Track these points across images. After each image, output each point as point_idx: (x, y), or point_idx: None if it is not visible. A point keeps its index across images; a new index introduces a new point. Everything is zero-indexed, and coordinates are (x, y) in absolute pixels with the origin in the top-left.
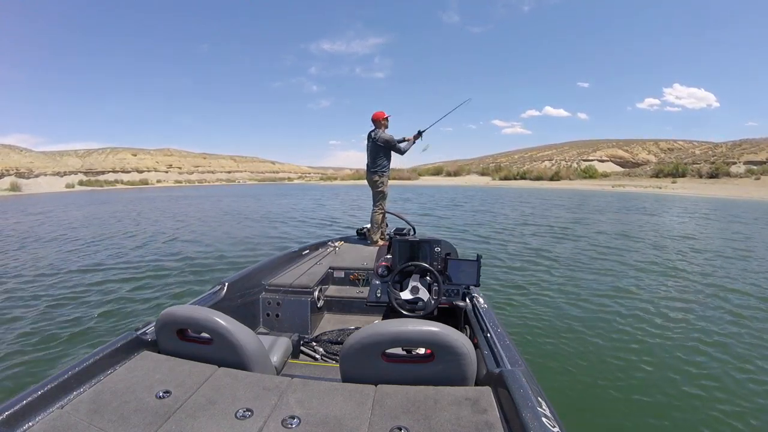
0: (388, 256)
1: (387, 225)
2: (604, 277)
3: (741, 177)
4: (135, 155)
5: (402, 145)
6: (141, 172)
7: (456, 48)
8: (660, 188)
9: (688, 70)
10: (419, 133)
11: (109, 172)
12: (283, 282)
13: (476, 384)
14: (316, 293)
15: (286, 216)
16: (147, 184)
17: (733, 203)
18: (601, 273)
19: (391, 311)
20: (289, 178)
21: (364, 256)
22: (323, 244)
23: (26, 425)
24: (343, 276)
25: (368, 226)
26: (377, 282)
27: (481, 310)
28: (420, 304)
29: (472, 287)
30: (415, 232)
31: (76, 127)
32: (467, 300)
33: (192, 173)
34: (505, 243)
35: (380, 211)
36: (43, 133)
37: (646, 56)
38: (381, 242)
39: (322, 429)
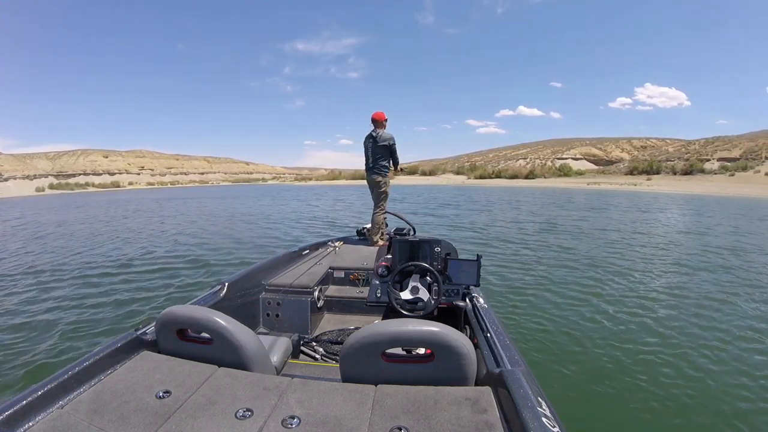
0: (388, 256)
1: (387, 225)
2: (606, 276)
3: (715, 174)
4: (106, 157)
5: (397, 156)
6: (112, 174)
7: (431, 48)
8: (635, 185)
9: (659, 70)
10: (401, 170)
11: (80, 174)
12: (283, 282)
13: (476, 384)
14: (316, 293)
15: (278, 218)
16: (119, 186)
17: (711, 199)
18: (602, 272)
19: (391, 311)
20: (264, 179)
21: (364, 256)
22: (323, 244)
23: (26, 425)
24: (343, 276)
25: (368, 226)
26: (377, 282)
27: (481, 310)
28: (420, 304)
29: (472, 287)
30: (415, 232)
31: (46, 128)
32: (467, 300)
33: (165, 175)
34: (505, 242)
35: (382, 212)
36: (12, 135)
37: (617, 56)
38: (381, 242)
39: (322, 429)
